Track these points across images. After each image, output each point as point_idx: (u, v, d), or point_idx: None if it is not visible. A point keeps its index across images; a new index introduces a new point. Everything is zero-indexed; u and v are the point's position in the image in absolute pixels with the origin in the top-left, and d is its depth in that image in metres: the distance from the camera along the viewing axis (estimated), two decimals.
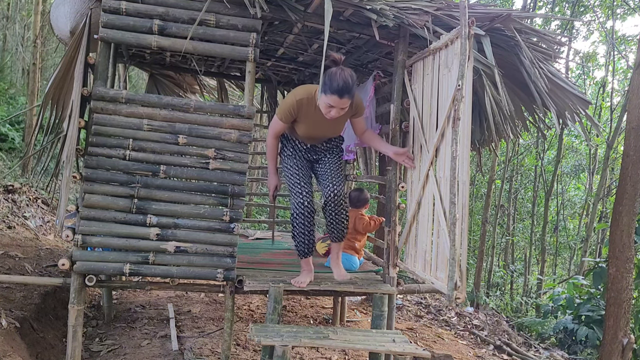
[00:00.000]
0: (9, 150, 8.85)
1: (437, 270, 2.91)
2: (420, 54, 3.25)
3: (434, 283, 2.87)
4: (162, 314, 4.60)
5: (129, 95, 3.06)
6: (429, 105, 3.12)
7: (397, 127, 3.45)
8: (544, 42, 3.47)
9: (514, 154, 10.92)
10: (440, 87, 2.95)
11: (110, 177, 3.02)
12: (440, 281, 2.82)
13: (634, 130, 4.18)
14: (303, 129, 3.19)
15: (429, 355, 2.78)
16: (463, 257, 2.55)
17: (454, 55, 2.76)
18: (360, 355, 4.09)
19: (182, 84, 5.74)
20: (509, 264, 11.57)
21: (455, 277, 2.50)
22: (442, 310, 6.70)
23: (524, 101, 3.83)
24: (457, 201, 2.54)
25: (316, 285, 3.32)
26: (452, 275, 2.50)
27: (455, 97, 2.57)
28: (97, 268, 2.99)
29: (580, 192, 13.94)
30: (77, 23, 3.16)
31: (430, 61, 3.13)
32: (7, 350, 2.89)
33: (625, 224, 4.18)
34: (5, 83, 10.84)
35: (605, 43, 11.07)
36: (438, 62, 3.01)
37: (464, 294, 2.54)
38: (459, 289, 2.52)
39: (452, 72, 2.78)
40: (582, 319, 6.24)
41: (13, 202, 6.21)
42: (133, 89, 10.66)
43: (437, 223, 2.92)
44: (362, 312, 5.73)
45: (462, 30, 2.54)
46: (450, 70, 2.81)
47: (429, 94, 3.12)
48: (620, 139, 9.00)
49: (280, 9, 3.12)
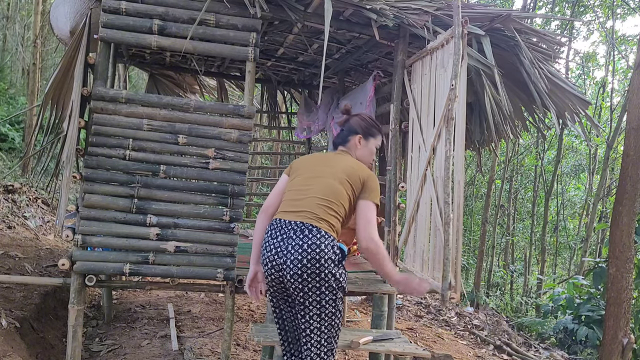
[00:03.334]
0: (9, 150, 8.85)
1: (434, 270, 2.90)
2: (418, 53, 3.26)
3: (431, 283, 2.87)
4: (162, 314, 4.60)
5: (129, 95, 3.06)
6: (427, 105, 3.12)
7: (397, 127, 3.45)
8: (544, 42, 3.47)
9: (514, 154, 10.92)
10: (437, 87, 2.95)
11: (110, 177, 3.02)
12: (437, 281, 2.81)
13: (634, 130, 4.18)
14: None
15: (429, 355, 2.78)
16: (458, 256, 2.55)
17: (449, 55, 2.77)
18: (360, 355, 4.09)
19: (182, 84, 5.75)
20: (509, 264, 11.57)
21: (450, 277, 2.50)
22: (442, 310, 6.70)
23: (523, 101, 3.83)
24: (451, 201, 2.54)
25: None
26: (446, 274, 2.51)
27: (449, 97, 2.58)
28: (97, 268, 2.99)
29: (580, 192, 13.93)
30: (77, 23, 3.16)
31: (427, 61, 3.13)
32: (7, 350, 2.89)
33: (625, 224, 4.18)
34: (5, 83, 10.84)
35: (605, 43, 11.07)
36: (435, 62, 3.01)
37: (458, 293, 2.53)
38: (453, 289, 2.52)
39: (447, 72, 2.78)
40: (582, 319, 6.24)
41: (13, 202, 6.21)
42: (133, 89, 10.66)
43: (434, 223, 2.92)
44: (362, 312, 5.73)
45: (455, 30, 2.55)
46: (446, 70, 2.81)
47: (426, 94, 3.12)
48: (620, 139, 9.00)
49: (280, 9, 3.12)
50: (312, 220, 2.19)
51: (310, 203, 2.22)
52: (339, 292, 2.21)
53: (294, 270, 2.13)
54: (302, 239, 2.15)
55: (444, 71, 2.85)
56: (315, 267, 2.13)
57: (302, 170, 2.39)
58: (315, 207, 2.21)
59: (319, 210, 2.21)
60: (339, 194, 2.25)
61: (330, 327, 2.21)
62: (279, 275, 2.21)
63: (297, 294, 2.17)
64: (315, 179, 2.30)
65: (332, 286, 2.17)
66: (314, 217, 2.20)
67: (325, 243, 2.16)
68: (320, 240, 2.15)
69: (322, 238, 2.16)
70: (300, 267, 2.12)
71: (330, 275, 2.16)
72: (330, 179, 2.27)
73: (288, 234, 2.19)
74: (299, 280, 2.14)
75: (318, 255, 2.13)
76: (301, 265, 2.12)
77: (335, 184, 2.26)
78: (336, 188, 2.25)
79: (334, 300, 2.19)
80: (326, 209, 2.22)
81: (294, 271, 2.13)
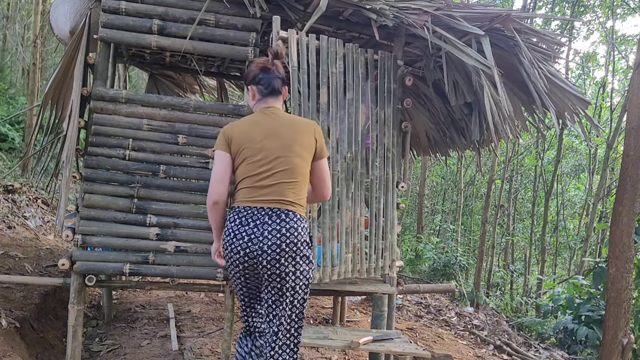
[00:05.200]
0: (9, 150, 8.85)
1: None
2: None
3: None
4: (162, 314, 4.60)
5: (129, 95, 3.06)
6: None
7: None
8: (544, 42, 3.46)
9: (514, 154, 10.92)
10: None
11: (110, 177, 3.02)
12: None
13: (634, 130, 4.18)
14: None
15: (429, 355, 2.78)
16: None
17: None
18: (360, 355, 4.09)
19: (182, 84, 5.74)
20: (509, 264, 11.57)
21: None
22: (442, 310, 6.70)
23: (523, 101, 3.83)
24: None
25: (316, 285, 3.32)
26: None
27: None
28: (97, 268, 2.99)
29: (580, 192, 13.93)
30: (77, 23, 3.16)
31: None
32: (7, 350, 2.89)
33: (625, 224, 4.18)
34: (5, 83, 10.84)
35: (605, 43, 11.07)
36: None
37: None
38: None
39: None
40: (582, 319, 6.24)
41: (13, 202, 6.21)
42: (133, 89, 10.66)
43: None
44: (362, 312, 5.73)
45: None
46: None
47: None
48: (620, 139, 9.00)
49: (280, 9, 3.12)
50: (287, 205, 2.19)
51: (280, 189, 2.19)
52: (310, 274, 2.25)
53: (272, 255, 2.12)
54: (279, 223, 2.15)
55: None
56: (292, 250, 2.15)
57: (251, 147, 2.22)
58: (286, 192, 2.20)
59: (289, 194, 2.20)
60: (303, 171, 2.25)
61: (302, 307, 2.25)
62: (253, 263, 2.18)
63: (273, 278, 2.16)
64: (276, 160, 2.21)
65: (306, 269, 2.23)
66: (287, 202, 2.20)
67: (301, 226, 2.20)
68: (297, 223, 2.18)
69: (298, 222, 2.19)
70: (279, 252, 2.12)
71: (305, 258, 2.21)
72: (291, 155, 2.21)
73: (262, 220, 2.16)
74: (276, 266, 2.14)
75: (296, 239, 2.15)
76: (280, 250, 2.12)
77: (298, 160, 2.23)
78: (299, 165, 2.23)
79: (306, 284, 2.25)
80: (296, 190, 2.23)
81: (271, 256, 2.12)
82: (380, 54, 3.33)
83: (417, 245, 11.16)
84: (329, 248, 3.08)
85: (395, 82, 3.38)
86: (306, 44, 2.98)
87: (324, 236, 3.07)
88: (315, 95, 3.04)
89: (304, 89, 2.96)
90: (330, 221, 3.10)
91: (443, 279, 9.58)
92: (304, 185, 2.28)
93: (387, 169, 3.35)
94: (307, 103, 2.99)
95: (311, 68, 3.01)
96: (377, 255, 3.31)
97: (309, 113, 3.00)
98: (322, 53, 3.05)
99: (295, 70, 2.91)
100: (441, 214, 14.49)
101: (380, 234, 3.31)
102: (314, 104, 3.02)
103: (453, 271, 9.61)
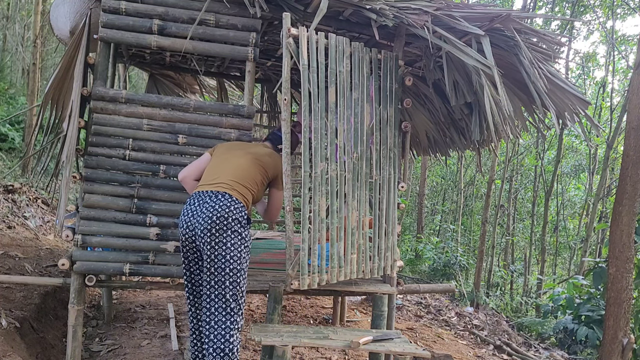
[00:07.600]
0: (9, 150, 8.85)
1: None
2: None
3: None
4: (162, 313, 4.61)
5: (129, 95, 3.06)
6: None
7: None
8: (544, 42, 3.46)
9: (514, 154, 10.92)
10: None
11: (110, 177, 3.03)
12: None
13: (634, 130, 4.18)
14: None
15: (429, 355, 2.78)
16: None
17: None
18: (360, 355, 4.09)
19: (182, 84, 5.75)
20: (509, 264, 11.57)
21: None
22: (442, 310, 6.70)
23: (523, 101, 3.83)
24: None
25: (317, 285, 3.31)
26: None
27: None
28: (97, 268, 3.00)
29: (580, 192, 13.93)
30: (77, 23, 3.16)
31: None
32: (7, 350, 2.89)
33: (625, 224, 4.18)
34: (5, 83, 10.84)
35: (605, 43, 11.07)
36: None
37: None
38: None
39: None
40: (582, 319, 6.23)
41: (13, 202, 6.21)
42: (133, 89, 10.67)
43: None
44: (362, 312, 5.74)
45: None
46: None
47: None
48: (620, 139, 9.00)
49: (280, 9, 3.12)
50: (227, 189, 2.58)
51: (225, 178, 2.62)
52: (243, 251, 2.56)
53: (204, 225, 2.48)
54: (215, 201, 2.53)
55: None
56: (223, 223, 2.50)
57: (221, 152, 2.79)
58: (229, 181, 2.61)
59: (233, 183, 2.61)
60: (251, 172, 2.70)
61: (235, 283, 2.54)
62: (192, 234, 2.55)
63: (205, 248, 2.49)
64: (231, 160, 2.71)
65: (237, 243, 2.54)
66: (228, 187, 2.60)
67: (234, 206, 2.55)
68: (230, 203, 2.54)
69: (233, 202, 2.55)
70: (210, 223, 2.47)
71: (237, 234, 2.54)
72: (244, 160, 2.72)
73: (204, 200, 2.56)
74: (207, 235, 2.48)
75: (226, 214, 2.51)
76: (210, 222, 2.48)
77: (248, 164, 2.71)
78: (248, 167, 2.70)
79: (238, 257, 2.54)
80: (241, 182, 2.64)
81: (204, 226, 2.48)
82: (384, 53, 3.32)
83: (417, 245, 11.16)
84: (335, 249, 3.04)
85: (397, 82, 3.38)
86: (315, 42, 2.92)
87: (332, 237, 3.02)
88: (325, 95, 2.99)
89: (314, 88, 2.90)
90: (337, 222, 3.05)
91: (443, 279, 9.57)
92: (249, 185, 2.68)
93: (389, 169, 3.35)
94: (316, 103, 2.91)
95: (320, 66, 2.96)
96: (380, 255, 3.31)
97: (318, 113, 2.92)
98: (330, 51, 3.00)
99: (306, 69, 2.86)
100: (441, 214, 14.47)
101: (382, 234, 3.31)
102: (323, 104, 2.95)
103: (453, 271, 9.61)
